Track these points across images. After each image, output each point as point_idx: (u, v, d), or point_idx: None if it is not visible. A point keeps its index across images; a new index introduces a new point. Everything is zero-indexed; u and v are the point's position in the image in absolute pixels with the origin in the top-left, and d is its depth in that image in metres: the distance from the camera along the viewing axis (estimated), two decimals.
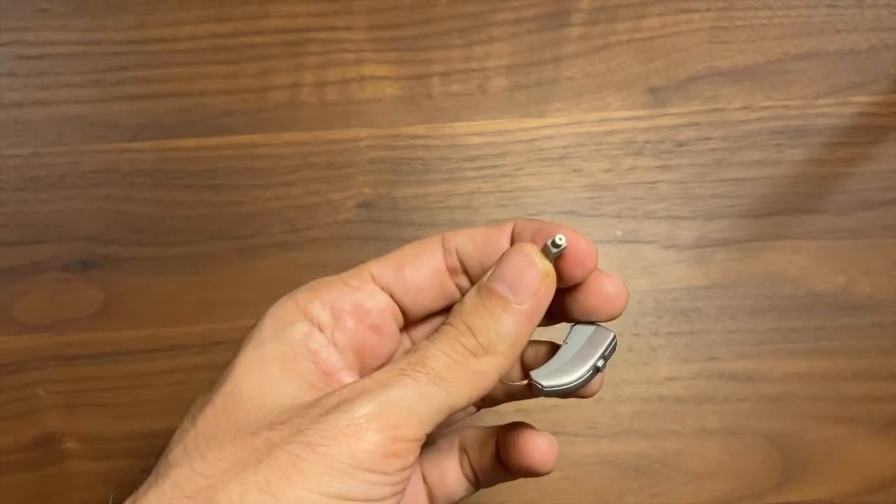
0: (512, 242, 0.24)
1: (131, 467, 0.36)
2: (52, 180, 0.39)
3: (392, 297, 0.24)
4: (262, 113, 0.40)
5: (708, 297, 0.37)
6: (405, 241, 0.38)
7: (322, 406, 0.20)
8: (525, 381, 0.24)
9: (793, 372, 0.36)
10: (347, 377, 0.22)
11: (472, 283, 0.24)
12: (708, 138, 0.39)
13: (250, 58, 0.40)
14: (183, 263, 0.38)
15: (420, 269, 0.24)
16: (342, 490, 0.19)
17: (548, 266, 0.22)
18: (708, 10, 0.41)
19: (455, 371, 0.21)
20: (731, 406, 0.36)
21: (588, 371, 0.23)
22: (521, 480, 0.36)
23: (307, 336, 0.22)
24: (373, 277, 0.24)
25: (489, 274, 0.22)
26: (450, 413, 0.21)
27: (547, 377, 0.23)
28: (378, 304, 0.24)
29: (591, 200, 0.38)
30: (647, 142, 0.39)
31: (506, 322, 0.22)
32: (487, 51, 0.40)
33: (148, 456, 0.36)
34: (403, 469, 0.20)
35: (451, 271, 0.24)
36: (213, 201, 0.39)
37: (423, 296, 0.24)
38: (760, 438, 0.36)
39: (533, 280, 0.22)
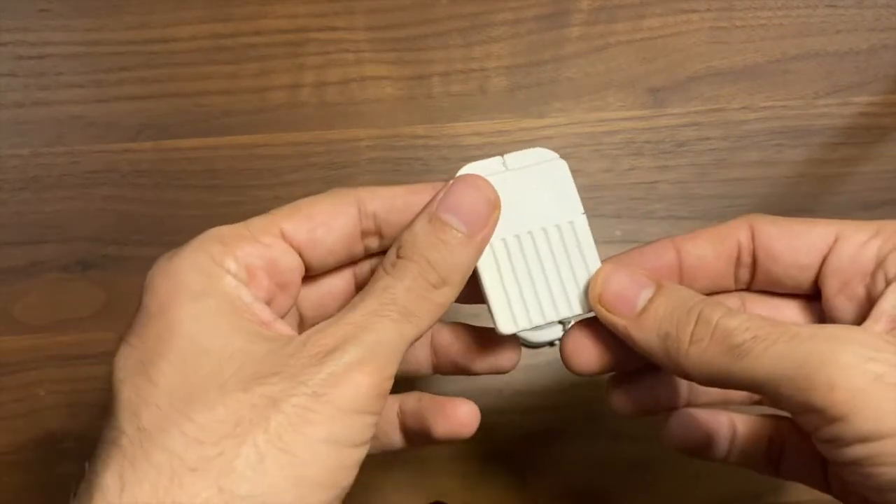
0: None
1: None
2: (52, 180, 0.39)
3: (300, 255, 0.24)
4: (262, 113, 0.40)
5: None
6: None
7: (308, 354, 0.20)
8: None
9: None
10: (283, 327, 0.22)
11: (383, 243, 0.25)
12: (707, 138, 0.39)
13: (250, 58, 0.40)
14: None
15: (333, 231, 0.24)
16: (349, 435, 0.20)
17: (496, 196, 0.23)
18: (707, 10, 0.41)
19: (421, 305, 0.22)
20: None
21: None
22: (518, 482, 0.36)
23: (237, 289, 0.22)
24: (284, 235, 0.23)
25: (437, 204, 0.23)
26: (412, 343, 0.22)
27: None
28: (289, 265, 0.23)
29: (590, 200, 0.38)
30: (646, 142, 0.39)
31: (461, 254, 0.22)
32: (487, 51, 0.40)
33: None
34: (383, 406, 0.21)
35: (364, 233, 0.24)
36: (213, 201, 0.39)
37: (332, 257, 0.24)
38: None
39: (485, 213, 0.23)
